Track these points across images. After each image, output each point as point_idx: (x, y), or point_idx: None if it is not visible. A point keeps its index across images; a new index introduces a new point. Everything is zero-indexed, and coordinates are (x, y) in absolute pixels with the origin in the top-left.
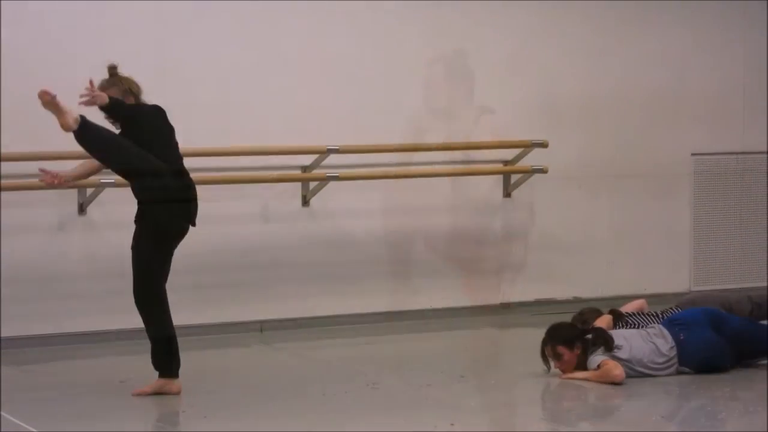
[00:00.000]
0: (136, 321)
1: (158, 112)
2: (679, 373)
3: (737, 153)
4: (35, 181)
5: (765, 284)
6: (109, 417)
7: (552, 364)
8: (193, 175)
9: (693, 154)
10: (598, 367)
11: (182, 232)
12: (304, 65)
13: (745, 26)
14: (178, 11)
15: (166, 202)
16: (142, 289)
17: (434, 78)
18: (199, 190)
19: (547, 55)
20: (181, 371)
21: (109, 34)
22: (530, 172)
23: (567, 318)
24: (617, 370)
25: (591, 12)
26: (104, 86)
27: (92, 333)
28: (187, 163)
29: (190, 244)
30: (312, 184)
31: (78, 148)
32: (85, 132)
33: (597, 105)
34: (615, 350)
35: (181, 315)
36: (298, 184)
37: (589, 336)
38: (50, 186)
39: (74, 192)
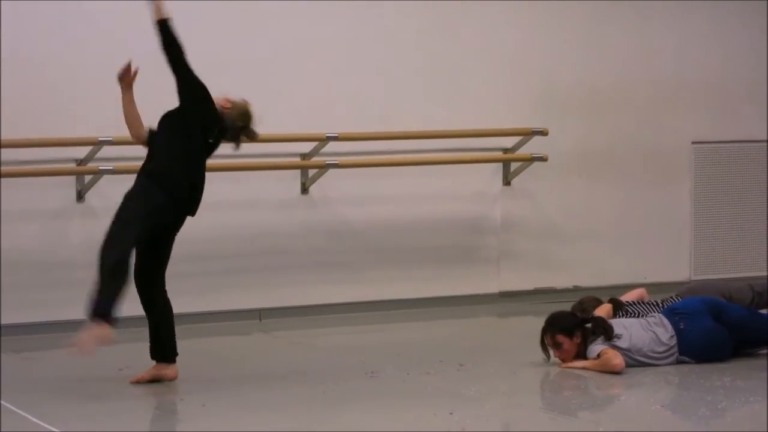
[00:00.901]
0: (134, 309)
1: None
2: (679, 362)
3: (738, 141)
4: (34, 167)
5: (765, 273)
6: (107, 405)
7: (551, 353)
8: None
9: (693, 143)
10: (598, 356)
11: (179, 217)
12: (303, 52)
13: (746, 14)
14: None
15: (181, 168)
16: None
17: (432, 65)
18: None
19: (547, 42)
20: (179, 359)
21: (109, 24)
22: (530, 160)
23: (567, 307)
24: (617, 360)
25: (591, 0)
26: None
27: None
28: None
29: (190, 231)
30: (311, 172)
31: (78, 135)
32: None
33: (597, 93)
34: (615, 339)
35: (180, 302)
36: (297, 172)
37: (589, 325)
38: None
39: (73, 179)
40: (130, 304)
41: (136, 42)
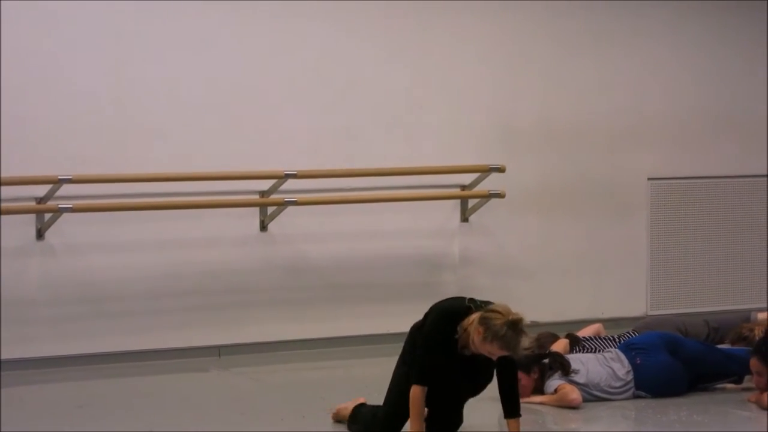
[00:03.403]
0: (94, 346)
1: None
2: (635, 397)
3: (693, 177)
4: None
5: (721, 308)
6: None
7: None
8: (151, 200)
9: (649, 179)
10: (555, 391)
11: None
12: (261, 90)
13: (699, 50)
14: (139, 36)
15: None
16: None
17: (391, 103)
18: (158, 215)
19: (504, 79)
20: (139, 394)
21: (68, 57)
22: (488, 196)
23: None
24: (574, 394)
25: (548, 36)
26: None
27: (50, 358)
28: (145, 188)
29: (148, 268)
30: (270, 209)
31: (37, 173)
32: None
33: (554, 129)
34: (572, 374)
35: (138, 340)
36: (256, 209)
37: (546, 360)
38: None
39: (32, 217)
40: (89, 342)
41: (97, 79)
